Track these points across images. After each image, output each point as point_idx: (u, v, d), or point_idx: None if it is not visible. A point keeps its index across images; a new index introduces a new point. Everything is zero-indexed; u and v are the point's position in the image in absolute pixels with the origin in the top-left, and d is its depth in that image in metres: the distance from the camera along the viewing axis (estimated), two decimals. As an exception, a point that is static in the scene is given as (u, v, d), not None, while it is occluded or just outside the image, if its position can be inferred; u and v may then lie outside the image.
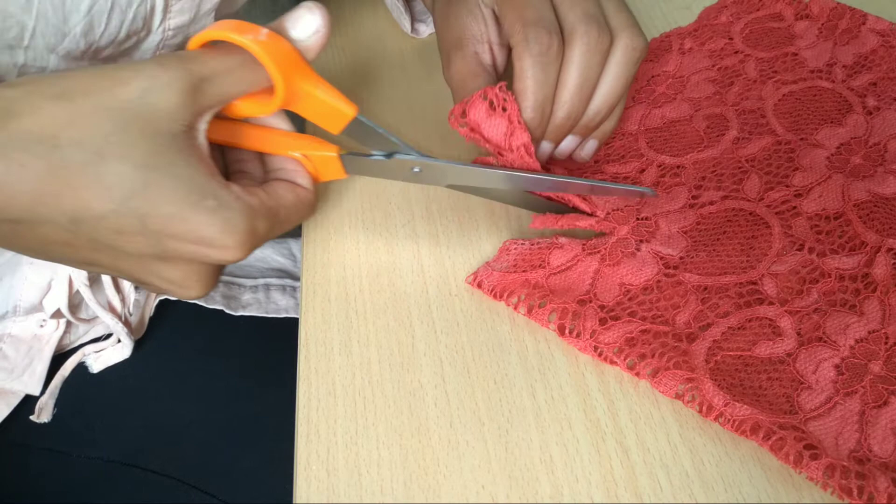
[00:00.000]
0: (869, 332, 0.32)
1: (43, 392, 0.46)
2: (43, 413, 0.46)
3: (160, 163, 0.27)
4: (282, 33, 0.31)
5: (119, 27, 0.36)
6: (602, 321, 0.34)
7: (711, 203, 0.38)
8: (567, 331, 0.34)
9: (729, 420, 0.30)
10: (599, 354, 0.33)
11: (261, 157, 0.35)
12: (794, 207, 0.37)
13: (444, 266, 0.38)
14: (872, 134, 0.40)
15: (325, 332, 0.36)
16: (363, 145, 0.35)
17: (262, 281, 0.54)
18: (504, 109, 0.35)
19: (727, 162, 0.41)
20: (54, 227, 0.27)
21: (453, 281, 0.37)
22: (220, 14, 0.41)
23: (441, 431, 0.32)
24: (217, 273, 0.31)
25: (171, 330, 0.51)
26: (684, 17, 0.51)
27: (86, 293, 0.46)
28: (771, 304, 0.34)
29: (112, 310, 0.48)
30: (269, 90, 0.31)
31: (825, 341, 0.32)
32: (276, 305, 0.52)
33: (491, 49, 0.38)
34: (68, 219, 0.27)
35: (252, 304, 0.52)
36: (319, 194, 0.38)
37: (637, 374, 0.32)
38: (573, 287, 0.35)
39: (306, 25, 0.31)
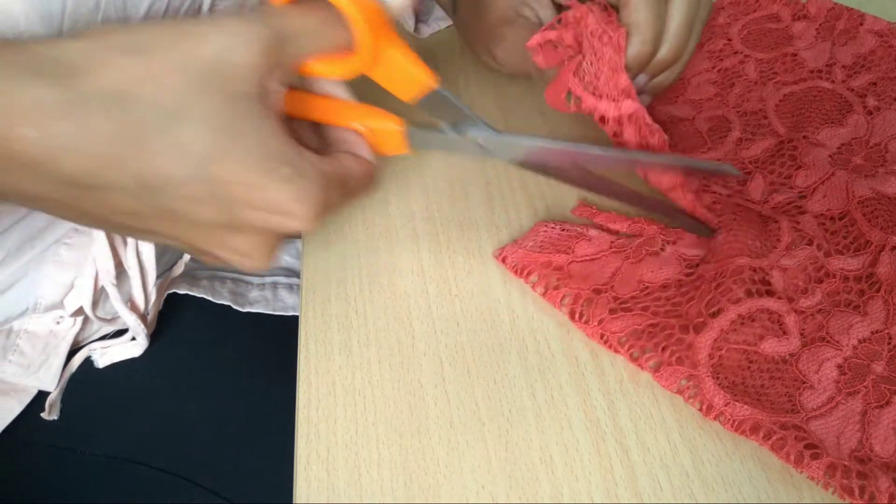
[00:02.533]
0: (872, 333, 0.31)
1: None
2: (52, 410, 0.45)
3: (237, 127, 0.25)
4: None
5: None
6: (612, 311, 0.33)
7: (716, 203, 0.38)
8: (577, 315, 0.33)
9: (729, 420, 0.29)
10: (605, 342, 0.33)
11: (316, 127, 0.33)
12: (800, 208, 0.37)
13: (444, 266, 0.37)
14: (873, 134, 0.40)
15: (325, 332, 0.35)
16: (431, 117, 0.33)
17: (269, 279, 0.53)
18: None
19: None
20: (122, 193, 0.25)
21: (453, 281, 0.37)
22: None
23: (441, 431, 0.31)
24: (280, 244, 0.29)
25: (177, 326, 0.50)
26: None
27: (112, 292, 0.45)
28: (779, 298, 0.33)
29: (134, 308, 0.47)
30: (346, 51, 0.29)
31: (828, 341, 0.31)
32: (283, 303, 0.52)
33: (536, 14, 0.38)
34: (138, 184, 0.24)
35: (259, 301, 0.52)
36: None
37: (640, 366, 0.32)
38: (592, 276, 0.35)
39: None
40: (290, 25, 0.27)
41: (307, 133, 0.32)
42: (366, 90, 0.32)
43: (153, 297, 0.48)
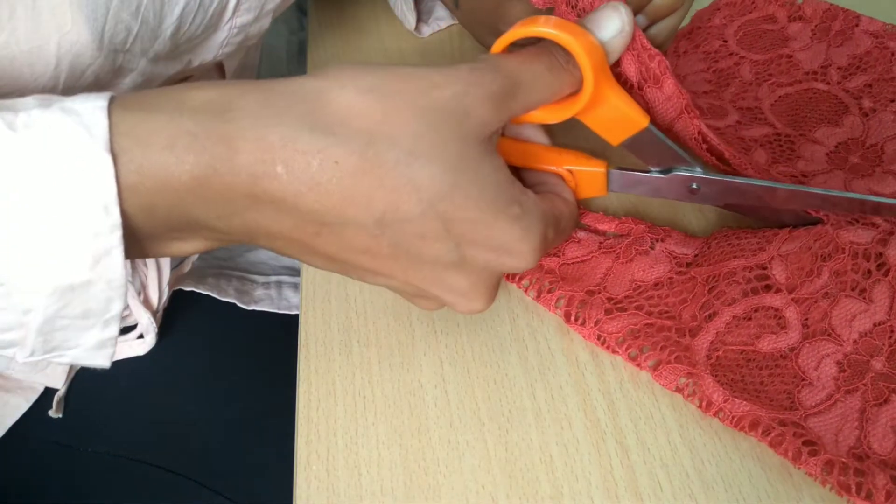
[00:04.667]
0: (874, 325, 0.31)
1: None
2: (59, 406, 0.45)
3: (469, 166, 0.25)
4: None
5: (199, 26, 0.35)
6: (608, 311, 0.33)
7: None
8: (573, 318, 0.33)
9: (728, 416, 0.29)
10: (602, 343, 0.32)
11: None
12: (802, 183, 0.36)
13: (443, 266, 0.37)
14: (869, 136, 0.39)
15: (325, 332, 0.35)
16: (638, 159, 0.32)
17: (274, 278, 0.53)
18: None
19: (731, 140, 0.39)
20: (359, 230, 0.25)
21: (453, 280, 0.36)
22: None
23: (441, 431, 0.31)
24: (498, 285, 0.29)
25: (182, 324, 0.50)
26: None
27: (129, 289, 0.44)
28: (778, 291, 0.32)
29: (148, 305, 0.46)
30: (567, 96, 0.29)
31: (829, 334, 0.31)
32: (287, 302, 0.52)
33: None
34: (375, 221, 0.24)
35: (264, 299, 0.51)
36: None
37: (639, 366, 0.31)
38: (584, 277, 0.35)
39: (612, 25, 0.28)
40: (520, 73, 0.27)
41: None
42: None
43: (166, 295, 0.47)
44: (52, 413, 0.44)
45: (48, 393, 0.45)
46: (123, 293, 0.24)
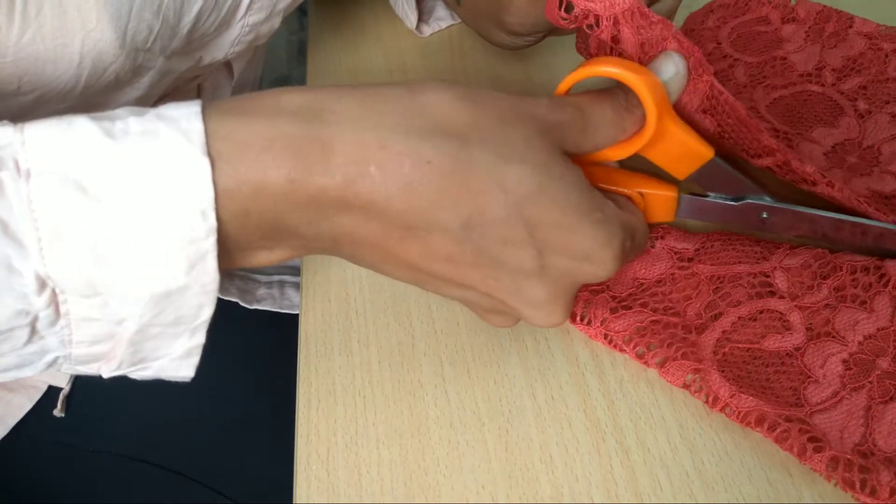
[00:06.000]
0: (878, 329, 0.30)
1: None
2: (62, 406, 0.44)
3: (554, 171, 0.25)
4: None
5: (213, 23, 0.35)
6: (613, 310, 0.32)
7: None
8: (579, 318, 0.32)
9: (734, 411, 0.29)
10: (609, 342, 0.32)
11: None
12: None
13: (443, 265, 0.36)
14: (865, 137, 0.39)
15: (325, 332, 0.34)
16: (703, 189, 0.32)
17: (276, 277, 0.52)
18: None
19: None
20: (445, 235, 0.24)
21: (452, 280, 0.35)
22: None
23: (441, 431, 0.30)
24: (575, 297, 0.29)
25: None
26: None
27: None
28: (781, 297, 0.32)
29: None
30: (632, 134, 0.29)
31: (834, 336, 0.30)
32: (289, 301, 0.51)
33: None
34: (461, 224, 0.24)
35: (266, 298, 0.51)
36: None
37: (646, 363, 0.31)
38: None
39: (668, 69, 0.29)
40: (590, 112, 0.27)
41: None
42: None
43: None
44: (56, 412, 0.44)
45: (51, 392, 0.44)
46: (214, 298, 0.23)
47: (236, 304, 0.49)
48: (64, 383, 0.44)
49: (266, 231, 0.24)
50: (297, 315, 0.50)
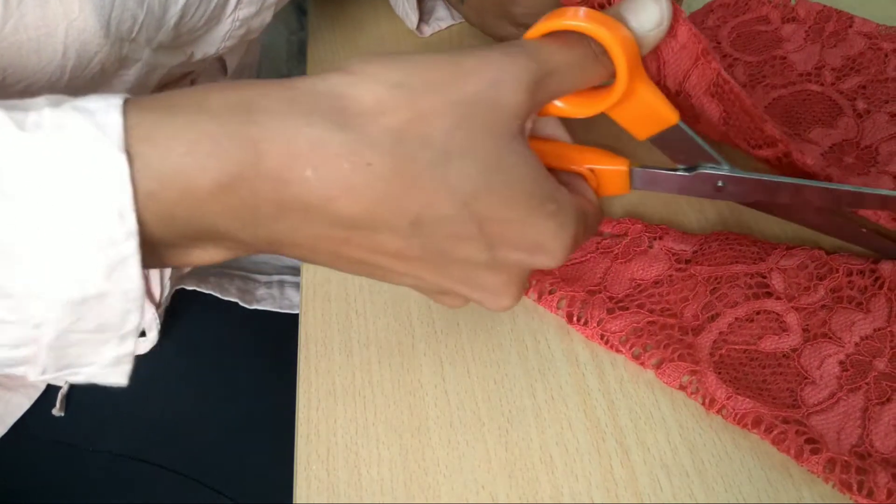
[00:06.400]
0: (875, 330, 0.30)
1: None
2: (61, 405, 0.44)
3: (503, 163, 0.23)
4: (619, 21, 0.26)
5: (201, 17, 0.34)
6: (610, 311, 0.32)
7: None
8: (575, 318, 0.32)
9: (731, 413, 0.28)
10: (606, 342, 0.31)
11: None
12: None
13: (443, 265, 0.36)
14: (864, 137, 0.38)
15: (325, 332, 0.34)
16: (664, 155, 0.30)
17: (276, 277, 0.52)
18: None
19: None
20: (391, 234, 0.23)
21: (452, 280, 0.35)
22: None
23: (441, 431, 0.30)
24: (527, 280, 0.27)
25: (184, 324, 0.48)
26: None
27: None
28: (778, 298, 0.32)
29: (150, 298, 0.45)
30: (597, 88, 0.27)
31: (830, 338, 0.30)
32: (289, 301, 0.51)
33: None
34: (408, 224, 0.23)
35: (266, 298, 0.50)
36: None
37: (642, 364, 0.30)
38: (584, 278, 0.34)
39: (650, 16, 0.26)
40: (553, 60, 0.25)
41: None
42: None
43: (168, 289, 0.46)
44: (55, 412, 0.43)
45: (50, 391, 0.44)
46: (140, 305, 0.22)
47: (236, 304, 0.49)
48: (62, 382, 0.44)
49: (195, 233, 0.22)
50: (297, 315, 0.50)
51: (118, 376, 0.24)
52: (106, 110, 0.21)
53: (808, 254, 0.33)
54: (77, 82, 0.31)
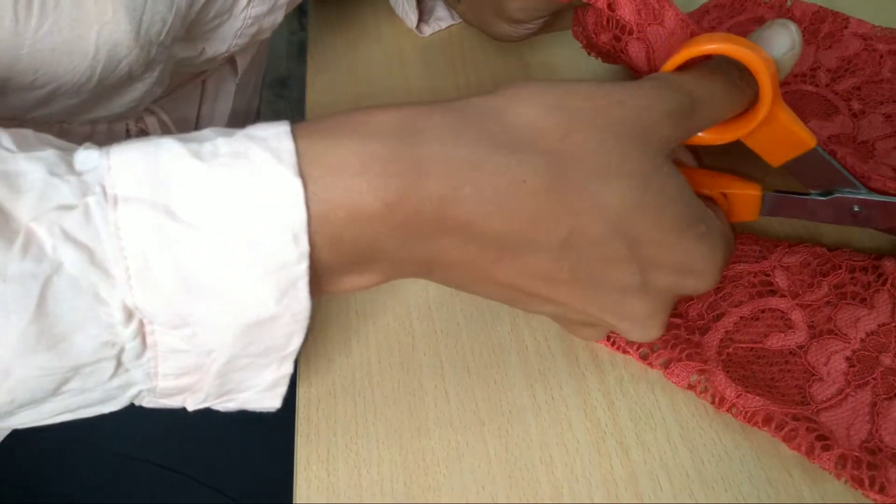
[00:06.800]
0: (879, 325, 0.30)
1: None
2: None
3: (654, 184, 0.23)
4: None
5: (213, 12, 0.34)
6: None
7: None
8: None
9: (741, 411, 0.28)
10: (612, 344, 0.31)
11: None
12: None
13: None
14: (860, 134, 0.38)
15: (325, 332, 0.33)
16: (798, 181, 0.30)
17: None
18: None
19: None
20: (541, 255, 0.23)
21: (452, 280, 0.35)
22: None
23: (441, 431, 0.29)
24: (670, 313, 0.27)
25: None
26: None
27: None
28: (783, 296, 0.32)
29: None
30: (739, 115, 0.27)
31: (836, 334, 0.30)
32: None
33: None
34: (559, 243, 0.23)
35: None
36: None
37: (650, 365, 0.30)
38: None
39: (783, 42, 0.27)
40: (697, 91, 0.25)
41: None
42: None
43: None
44: None
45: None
46: (305, 327, 0.22)
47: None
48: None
49: (358, 256, 0.23)
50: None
51: (272, 399, 0.24)
52: (277, 137, 0.21)
53: (811, 251, 0.33)
54: (103, 85, 0.31)
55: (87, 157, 0.21)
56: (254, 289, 0.21)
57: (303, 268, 0.21)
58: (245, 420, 0.44)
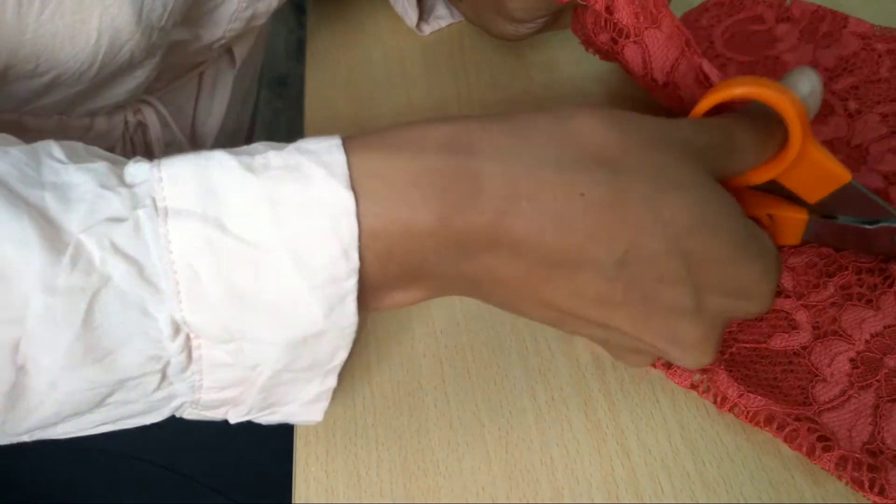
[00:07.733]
0: (885, 327, 0.29)
1: None
2: None
3: (711, 200, 0.22)
4: None
5: None
6: None
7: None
8: None
9: (743, 411, 0.28)
10: None
11: None
12: None
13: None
14: (854, 136, 0.37)
15: (325, 332, 0.33)
16: (835, 213, 0.29)
17: None
18: None
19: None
20: (596, 273, 0.22)
21: (451, 279, 0.34)
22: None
23: (441, 432, 0.29)
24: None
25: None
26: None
27: None
28: (787, 296, 0.31)
29: None
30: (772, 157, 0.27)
31: (841, 335, 0.30)
32: None
33: None
34: (615, 261, 0.21)
35: None
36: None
37: (652, 365, 0.29)
38: None
39: (805, 84, 0.27)
40: (734, 135, 0.25)
41: None
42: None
43: None
44: None
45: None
46: (350, 343, 0.22)
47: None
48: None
49: (406, 272, 0.22)
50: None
51: (315, 413, 0.24)
52: (329, 150, 0.21)
53: (817, 251, 0.32)
54: (105, 72, 0.31)
55: (137, 169, 0.20)
56: (303, 304, 0.20)
57: (352, 283, 0.20)
58: (245, 421, 0.44)
